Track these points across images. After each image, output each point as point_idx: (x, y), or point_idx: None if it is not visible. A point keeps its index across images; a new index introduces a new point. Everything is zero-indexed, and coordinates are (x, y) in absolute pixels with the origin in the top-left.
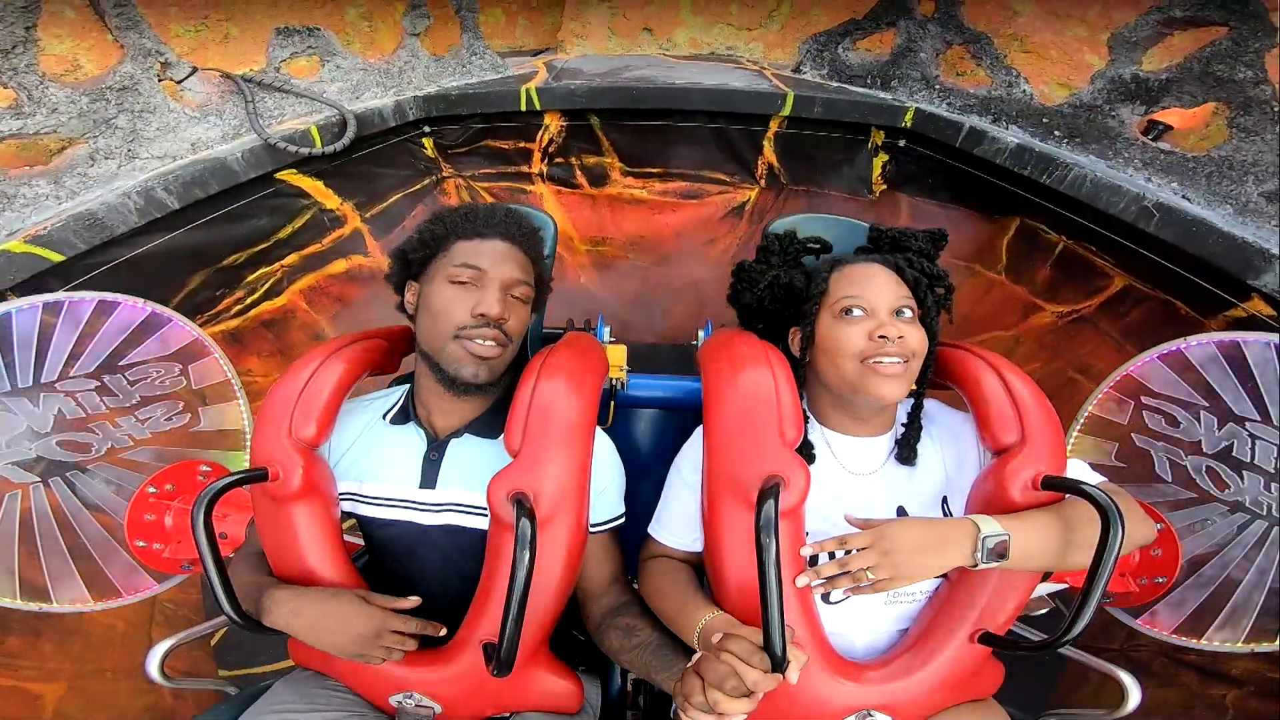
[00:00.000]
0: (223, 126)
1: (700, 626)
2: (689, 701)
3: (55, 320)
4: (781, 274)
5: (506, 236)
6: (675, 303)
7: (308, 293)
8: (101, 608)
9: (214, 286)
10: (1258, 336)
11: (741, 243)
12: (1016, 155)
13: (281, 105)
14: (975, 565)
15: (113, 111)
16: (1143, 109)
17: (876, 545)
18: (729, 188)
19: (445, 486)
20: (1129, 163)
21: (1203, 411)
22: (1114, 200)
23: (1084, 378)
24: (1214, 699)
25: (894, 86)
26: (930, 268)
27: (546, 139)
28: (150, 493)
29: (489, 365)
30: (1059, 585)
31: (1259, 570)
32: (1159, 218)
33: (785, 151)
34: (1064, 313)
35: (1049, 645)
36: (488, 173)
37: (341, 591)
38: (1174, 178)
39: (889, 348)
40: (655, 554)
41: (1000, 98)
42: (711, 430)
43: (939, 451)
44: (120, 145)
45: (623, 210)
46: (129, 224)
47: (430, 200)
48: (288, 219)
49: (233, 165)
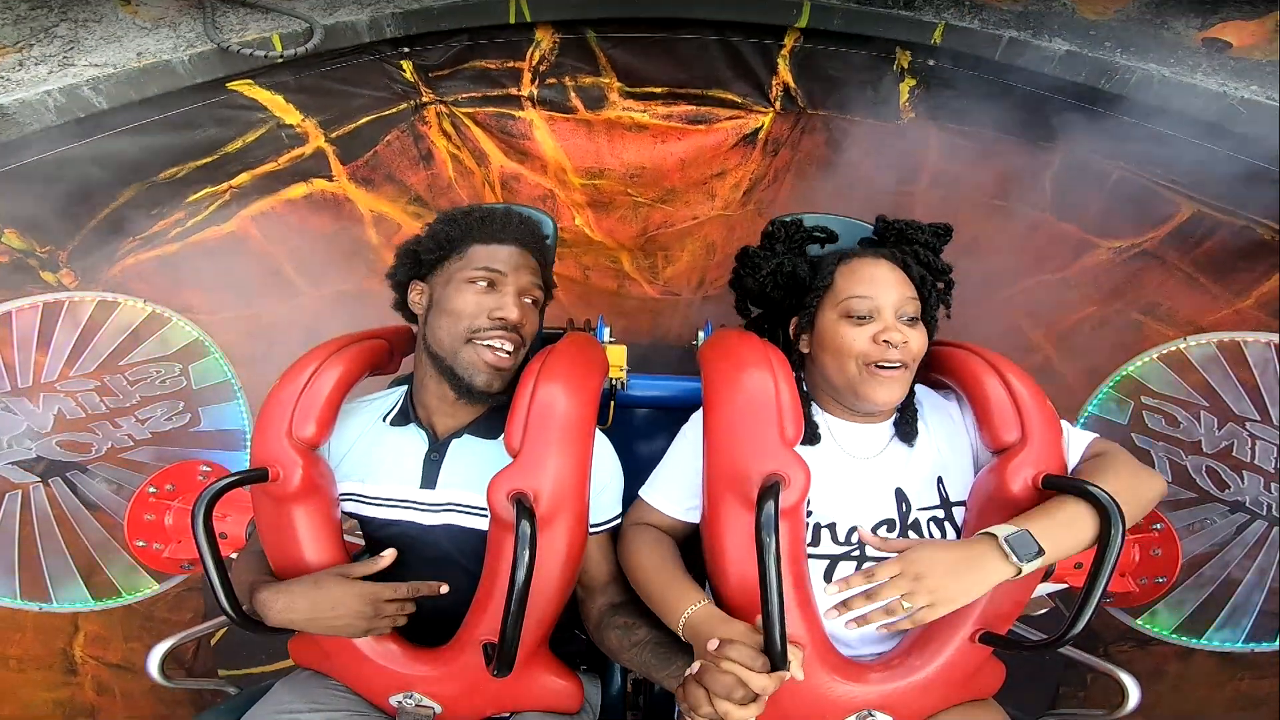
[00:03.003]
0: (175, 39)
1: (684, 619)
2: (697, 713)
3: (55, 320)
4: (785, 262)
5: (522, 243)
6: (679, 249)
7: (261, 219)
8: (101, 607)
9: (148, 204)
10: (1258, 336)
11: (754, 176)
12: (1067, 62)
13: (245, 21)
14: (1020, 572)
15: (54, 20)
16: (1198, 21)
17: (907, 571)
18: (740, 111)
19: (446, 487)
20: (1194, 69)
21: (1203, 411)
22: (1191, 101)
23: (1150, 319)
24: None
25: (918, 5)
26: (936, 262)
27: (538, 56)
28: (150, 493)
29: (502, 375)
30: (1059, 585)
31: (1259, 570)
32: (1246, 114)
33: (803, 71)
34: (1122, 248)
35: (1049, 645)
36: (472, 96)
37: (322, 577)
38: (1249, 80)
39: (891, 353)
40: (641, 520)
41: (1039, 12)
42: (712, 429)
43: (931, 433)
44: (56, 53)
45: (622, 138)
46: (44, 122)
47: (408, 127)
48: (238, 132)
49: (176, 68)
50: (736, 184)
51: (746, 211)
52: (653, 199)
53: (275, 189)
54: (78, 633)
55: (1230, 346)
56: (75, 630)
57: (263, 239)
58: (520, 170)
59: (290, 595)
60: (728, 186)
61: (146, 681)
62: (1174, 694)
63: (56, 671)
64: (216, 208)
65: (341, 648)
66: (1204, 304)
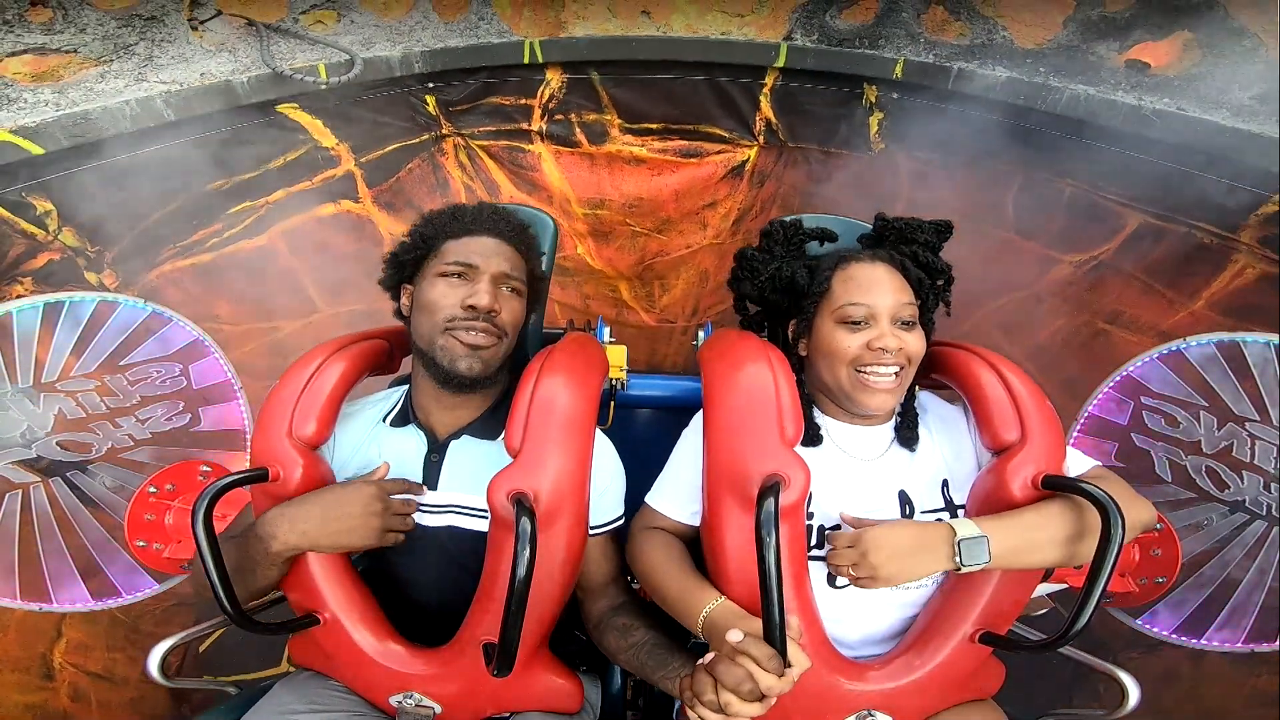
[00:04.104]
0: (234, 63)
1: (705, 614)
2: (699, 699)
3: (55, 320)
4: (784, 266)
5: (495, 232)
6: (675, 277)
7: (290, 235)
8: (101, 607)
9: (191, 214)
10: (1257, 336)
11: (742, 207)
12: (1009, 87)
13: (294, 50)
14: (958, 569)
15: (134, 39)
16: (1116, 45)
17: (856, 546)
18: (728, 146)
19: (446, 488)
20: (1116, 87)
21: (1203, 411)
22: (1112, 115)
23: (1114, 327)
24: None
25: (881, 45)
26: (936, 261)
27: (547, 94)
28: (150, 493)
29: (482, 357)
30: (1059, 585)
31: (1259, 570)
32: (1160, 123)
33: (783, 107)
34: (1082, 261)
35: (1049, 645)
36: (487, 130)
37: (323, 489)
38: (1163, 94)
39: (885, 358)
40: (651, 525)
41: (983, 44)
42: (712, 429)
43: (935, 439)
44: (133, 69)
45: (621, 171)
46: (119, 128)
47: (428, 156)
48: (281, 150)
49: (236, 88)
50: (726, 214)
51: (736, 241)
52: (649, 228)
53: (307, 207)
54: (60, 638)
55: (1230, 346)
56: (58, 636)
57: (289, 254)
58: (528, 200)
59: (296, 508)
60: (719, 216)
61: (126, 692)
62: (1191, 697)
63: (33, 675)
64: (252, 221)
65: (342, 648)
66: (1161, 309)
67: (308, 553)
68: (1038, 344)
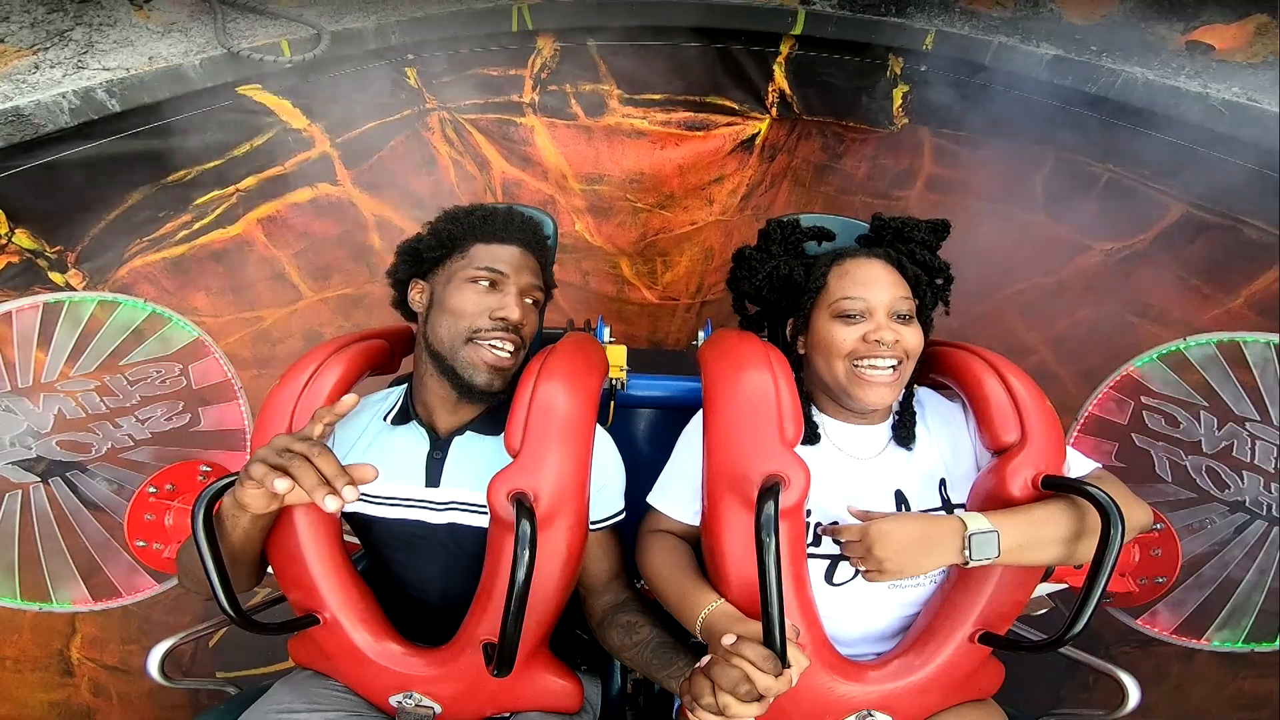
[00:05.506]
0: (186, 44)
1: (703, 617)
2: (698, 703)
3: (55, 320)
4: (781, 265)
5: (524, 243)
6: (678, 255)
7: (266, 223)
8: (102, 608)
9: (156, 206)
10: (1258, 336)
11: (752, 182)
12: (1055, 66)
13: (253, 26)
14: (966, 563)
15: (69, 24)
16: (1181, 25)
17: (864, 540)
18: (737, 118)
19: (449, 485)
20: (1178, 72)
21: (1203, 411)
22: (1173, 103)
23: (1143, 319)
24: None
25: (911, 14)
26: (932, 260)
27: (539, 64)
28: (150, 493)
29: (503, 375)
30: (1059, 585)
31: (1259, 570)
32: (1229, 116)
33: (798, 78)
34: (1114, 249)
35: (1049, 645)
36: (475, 103)
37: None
38: (1233, 82)
39: (882, 350)
40: (656, 528)
41: (1026, 17)
42: (711, 429)
43: (933, 437)
44: (70, 56)
45: (621, 144)
46: (58, 124)
47: (411, 133)
48: (246, 136)
49: (188, 72)
50: (734, 189)
51: (744, 217)
52: (652, 204)
53: (281, 193)
54: (75, 634)
55: (1230, 346)
56: (73, 632)
57: (268, 242)
58: (521, 176)
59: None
60: (725, 192)
61: (144, 684)
62: (1176, 694)
63: (53, 673)
64: (223, 210)
65: (342, 648)
66: (1196, 304)
67: (307, 552)
68: (1058, 333)
